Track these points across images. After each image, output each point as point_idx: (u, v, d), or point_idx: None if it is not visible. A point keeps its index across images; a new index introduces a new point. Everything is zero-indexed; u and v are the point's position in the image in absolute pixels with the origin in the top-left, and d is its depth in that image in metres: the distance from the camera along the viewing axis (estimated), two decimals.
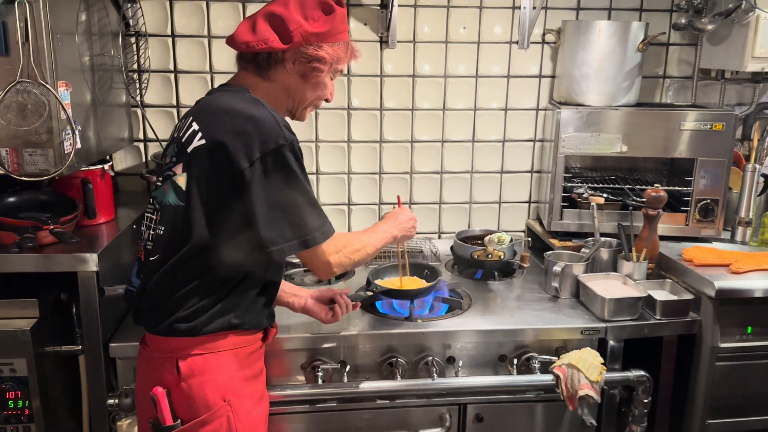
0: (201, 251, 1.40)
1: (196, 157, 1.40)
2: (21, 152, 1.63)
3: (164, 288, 1.43)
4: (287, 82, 1.53)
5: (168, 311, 1.43)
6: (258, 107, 1.42)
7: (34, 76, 1.58)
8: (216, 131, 1.39)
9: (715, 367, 1.96)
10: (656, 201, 2.11)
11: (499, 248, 2.24)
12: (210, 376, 1.44)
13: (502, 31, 2.49)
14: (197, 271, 1.41)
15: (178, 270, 1.41)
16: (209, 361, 1.45)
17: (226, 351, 1.47)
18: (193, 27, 2.35)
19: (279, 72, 1.52)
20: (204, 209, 1.39)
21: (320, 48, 1.49)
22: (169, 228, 1.43)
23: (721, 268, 2.03)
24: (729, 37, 2.34)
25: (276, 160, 1.37)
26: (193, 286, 1.41)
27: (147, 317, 1.48)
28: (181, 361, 1.43)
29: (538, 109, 2.58)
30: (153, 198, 1.50)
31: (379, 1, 2.41)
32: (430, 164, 2.59)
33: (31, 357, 1.66)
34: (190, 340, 1.43)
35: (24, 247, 1.66)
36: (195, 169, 1.40)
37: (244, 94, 1.49)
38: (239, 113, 1.40)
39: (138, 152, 2.44)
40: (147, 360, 1.50)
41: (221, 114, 1.42)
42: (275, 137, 1.37)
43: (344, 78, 2.45)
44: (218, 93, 1.52)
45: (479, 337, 1.90)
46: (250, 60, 1.53)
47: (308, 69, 1.51)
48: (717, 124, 2.24)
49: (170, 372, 1.43)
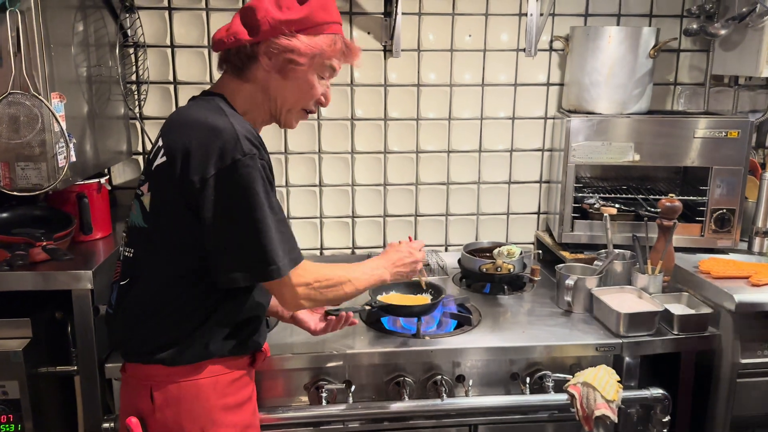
0: (169, 275, 1.31)
1: (158, 175, 1.30)
2: (13, 166, 1.58)
3: (135, 313, 1.34)
4: (265, 81, 1.37)
5: (142, 338, 1.34)
6: (218, 116, 1.28)
7: (27, 88, 1.54)
8: (174, 146, 1.27)
9: (736, 384, 1.88)
10: (671, 211, 2.05)
11: (508, 261, 2.18)
12: (186, 406, 1.34)
13: (509, 38, 2.44)
14: (169, 296, 1.31)
15: (149, 295, 1.32)
16: (185, 389, 1.34)
17: (205, 379, 1.35)
18: (193, 37, 2.30)
19: (255, 70, 1.36)
20: (167, 231, 1.29)
21: (294, 37, 1.32)
22: (136, 251, 1.35)
23: (739, 281, 1.96)
24: (743, 42, 2.28)
25: (231, 177, 1.22)
26: (164, 313, 1.32)
27: (121, 343, 1.40)
28: (156, 390, 1.34)
29: (546, 117, 2.52)
30: (128, 219, 1.41)
31: (382, 9, 2.36)
32: (436, 175, 2.52)
33: (24, 379, 1.61)
34: (165, 369, 1.33)
35: (15, 264, 1.61)
36: (157, 187, 1.30)
37: (212, 103, 1.35)
38: (198, 125, 1.27)
39: (137, 165, 2.39)
40: (126, 386, 1.42)
41: (182, 127, 1.29)
42: (231, 151, 1.22)
43: (347, 87, 2.40)
44: (189, 103, 1.42)
45: (490, 355, 1.83)
46: (224, 60, 1.40)
47: (283, 63, 1.34)
48: (732, 131, 2.18)
49: (145, 400, 1.34)
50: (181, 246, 1.30)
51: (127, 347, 1.38)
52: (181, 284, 1.31)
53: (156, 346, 1.33)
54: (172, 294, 1.32)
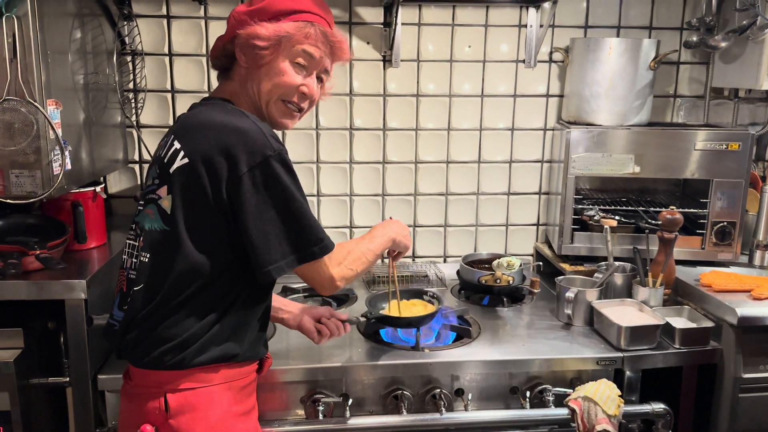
0: (189, 277, 1.30)
1: (180, 177, 1.31)
2: (7, 173, 1.56)
3: (151, 318, 1.33)
4: (244, 76, 1.42)
5: (155, 342, 1.33)
6: (241, 118, 1.32)
7: (22, 94, 1.52)
8: (199, 148, 1.29)
9: (738, 399, 1.86)
10: (672, 224, 2.03)
11: (508, 273, 2.16)
12: (201, 412, 1.34)
13: (509, 49, 2.43)
14: (185, 299, 1.31)
15: (166, 298, 1.31)
16: (201, 395, 1.34)
17: (218, 385, 1.36)
18: (191, 46, 2.29)
19: (237, 69, 1.43)
20: (190, 232, 1.30)
21: (257, 24, 1.36)
22: (155, 254, 1.33)
23: (741, 294, 1.94)
24: (743, 55, 2.27)
25: (265, 172, 1.28)
26: (181, 314, 1.32)
27: (132, 350, 1.37)
28: (170, 396, 1.33)
29: (545, 129, 2.51)
30: (135, 224, 1.41)
31: (382, 20, 2.35)
32: (435, 186, 2.51)
33: (14, 390, 1.58)
34: (179, 374, 1.33)
35: (7, 273, 1.58)
36: (179, 190, 1.31)
37: (226, 106, 1.39)
38: (222, 126, 1.30)
39: (133, 174, 2.37)
40: (131, 396, 1.40)
41: (203, 129, 1.32)
42: (261, 148, 1.27)
43: (346, 97, 2.39)
44: (199, 107, 1.43)
45: (489, 368, 1.80)
46: (216, 66, 1.49)
47: (250, 49, 1.37)
48: (733, 144, 2.17)
49: (158, 408, 1.33)
50: (205, 247, 1.31)
51: (140, 353, 1.35)
52: (201, 286, 1.31)
53: (171, 350, 1.32)
54: (190, 296, 1.31)
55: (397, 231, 1.63)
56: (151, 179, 1.38)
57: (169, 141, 1.36)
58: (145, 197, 1.38)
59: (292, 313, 1.71)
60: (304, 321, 1.69)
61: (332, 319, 1.70)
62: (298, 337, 1.73)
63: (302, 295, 2.25)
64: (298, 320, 1.69)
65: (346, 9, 2.32)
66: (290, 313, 1.71)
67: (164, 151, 1.36)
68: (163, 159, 1.35)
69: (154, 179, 1.37)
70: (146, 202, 1.37)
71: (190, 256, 1.30)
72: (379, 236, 1.57)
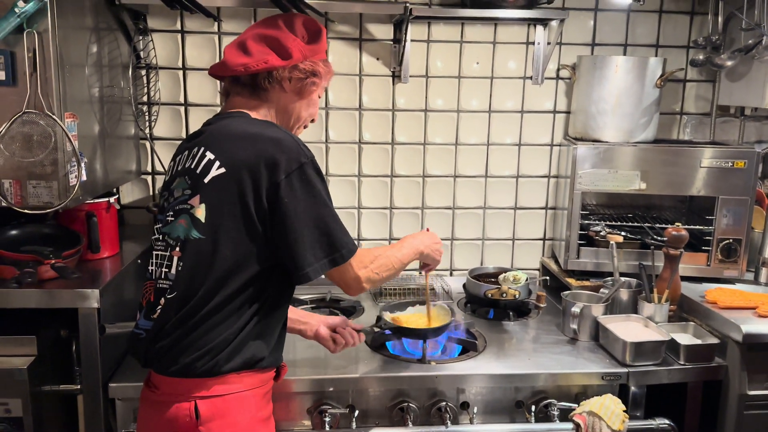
0: (223, 283, 1.35)
1: (216, 186, 1.37)
2: (25, 184, 1.60)
3: (183, 325, 1.36)
4: (284, 101, 1.53)
5: (187, 349, 1.36)
6: (273, 128, 1.42)
7: (41, 107, 1.55)
8: (236, 158, 1.36)
9: (743, 416, 1.86)
10: (678, 240, 2.04)
11: (514, 287, 2.17)
12: (231, 419, 1.38)
13: (516, 66, 2.47)
14: (217, 305, 1.36)
15: (199, 305, 1.35)
16: (230, 402, 1.38)
17: (246, 391, 1.41)
18: (205, 60, 2.33)
19: (276, 91, 1.51)
20: (226, 240, 1.35)
21: (315, 63, 1.52)
22: (190, 263, 1.37)
23: (746, 311, 1.95)
24: (749, 74, 2.30)
25: (301, 179, 1.35)
26: (213, 320, 1.36)
27: (161, 358, 1.39)
28: (201, 403, 1.36)
29: (552, 144, 2.53)
30: (163, 234, 1.44)
31: (391, 36, 2.39)
32: (442, 199, 2.53)
33: (27, 397, 1.60)
34: (209, 380, 1.37)
35: (23, 282, 1.61)
36: (215, 199, 1.37)
37: (251, 119, 1.48)
38: (258, 136, 1.39)
39: (145, 185, 2.41)
40: (156, 405, 1.41)
41: (238, 140, 1.39)
42: (297, 155, 1.36)
43: (356, 112, 2.43)
44: (225, 120, 1.48)
45: (495, 382, 1.82)
46: (246, 83, 1.51)
47: (305, 85, 1.52)
48: (739, 161, 2.18)
49: (188, 416, 1.36)
50: (240, 254, 1.36)
51: (169, 361, 1.38)
52: (233, 292, 1.36)
53: (203, 356, 1.35)
54: (222, 303, 1.36)
55: (427, 244, 1.68)
56: (180, 191, 1.42)
57: (199, 152, 1.41)
58: (174, 208, 1.41)
59: (309, 324, 1.75)
60: (321, 330, 1.73)
61: (347, 329, 1.74)
62: (306, 348, 1.75)
63: (310, 306, 2.27)
64: (314, 330, 1.73)
65: (356, 26, 2.36)
66: (307, 324, 1.75)
67: (193, 163, 1.41)
68: (194, 170, 1.40)
69: (184, 190, 1.41)
70: (177, 213, 1.40)
71: (226, 262, 1.35)
72: (407, 247, 1.63)
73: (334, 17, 2.32)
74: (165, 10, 2.14)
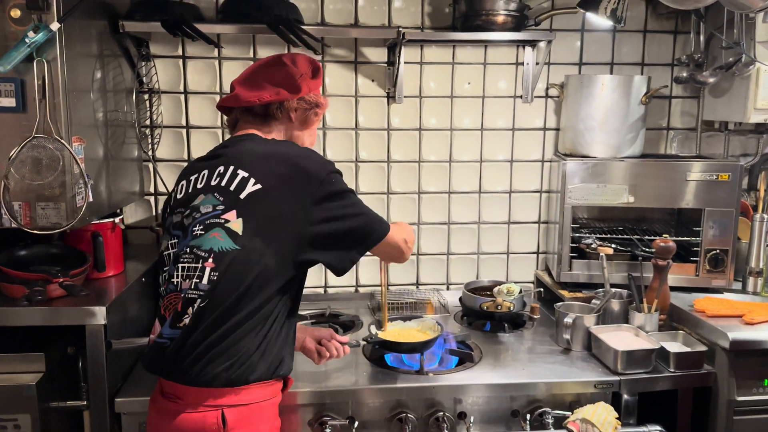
0: (256, 292, 1.43)
1: (254, 201, 1.47)
2: (34, 206, 1.66)
3: (214, 333, 1.41)
4: (290, 131, 1.67)
5: (216, 358, 1.41)
6: (296, 146, 1.61)
7: (50, 132, 1.62)
8: (271, 174, 1.49)
9: (732, 422, 1.91)
10: (665, 251, 2.11)
11: (508, 299, 2.23)
12: (254, 427, 1.45)
13: (507, 85, 2.55)
14: (248, 314, 1.43)
15: (231, 313, 1.42)
16: (254, 410, 1.46)
17: (267, 400, 1.49)
18: (205, 84, 2.41)
19: (283, 121, 1.64)
20: (264, 250, 1.44)
21: (318, 96, 1.68)
22: (225, 273, 1.43)
23: (734, 319, 2.00)
24: (731, 90, 2.38)
25: (332, 185, 1.50)
26: (243, 328, 1.43)
27: (189, 368, 1.42)
28: (228, 411, 1.42)
29: (543, 160, 2.60)
30: (191, 247, 1.47)
31: (386, 59, 2.47)
32: (438, 215, 2.60)
33: (36, 413, 1.65)
34: (236, 389, 1.43)
35: (33, 300, 1.66)
36: (252, 213, 1.46)
37: (273, 140, 1.62)
38: (286, 153, 1.54)
39: (148, 206, 2.47)
40: (176, 414, 1.44)
41: (269, 158, 1.53)
42: (325, 166, 1.53)
43: (352, 131, 2.50)
44: (246, 143, 1.59)
45: (491, 392, 1.86)
46: (259, 113, 1.63)
47: (309, 115, 1.67)
48: (723, 174, 2.25)
49: (215, 424, 1.41)
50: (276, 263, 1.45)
51: (196, 371, 1.41)
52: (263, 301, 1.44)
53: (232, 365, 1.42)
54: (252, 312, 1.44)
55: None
56: (210, 206, 1.49)
57: (229, 171, 1.51)
58: (204, 222, 1.47)
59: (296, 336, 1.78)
60: (306, 342, 1.77)
61: (332, 341, 1.78)
62: (305, 361, 1.80)
63: (310, 321, 2.32)
64: (300, 341, 1.77)
65: (352, 49, 2.45)
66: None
67: (224, 180, 1.50)
68: (226, 187, 1.49)
69: (215, 206, 1.48)
70: (208, 227, 1.47)
71: (263, 272, 1.43)
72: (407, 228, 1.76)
73: (330, 42, 2.40)
74: (167, 37, 2.21)
